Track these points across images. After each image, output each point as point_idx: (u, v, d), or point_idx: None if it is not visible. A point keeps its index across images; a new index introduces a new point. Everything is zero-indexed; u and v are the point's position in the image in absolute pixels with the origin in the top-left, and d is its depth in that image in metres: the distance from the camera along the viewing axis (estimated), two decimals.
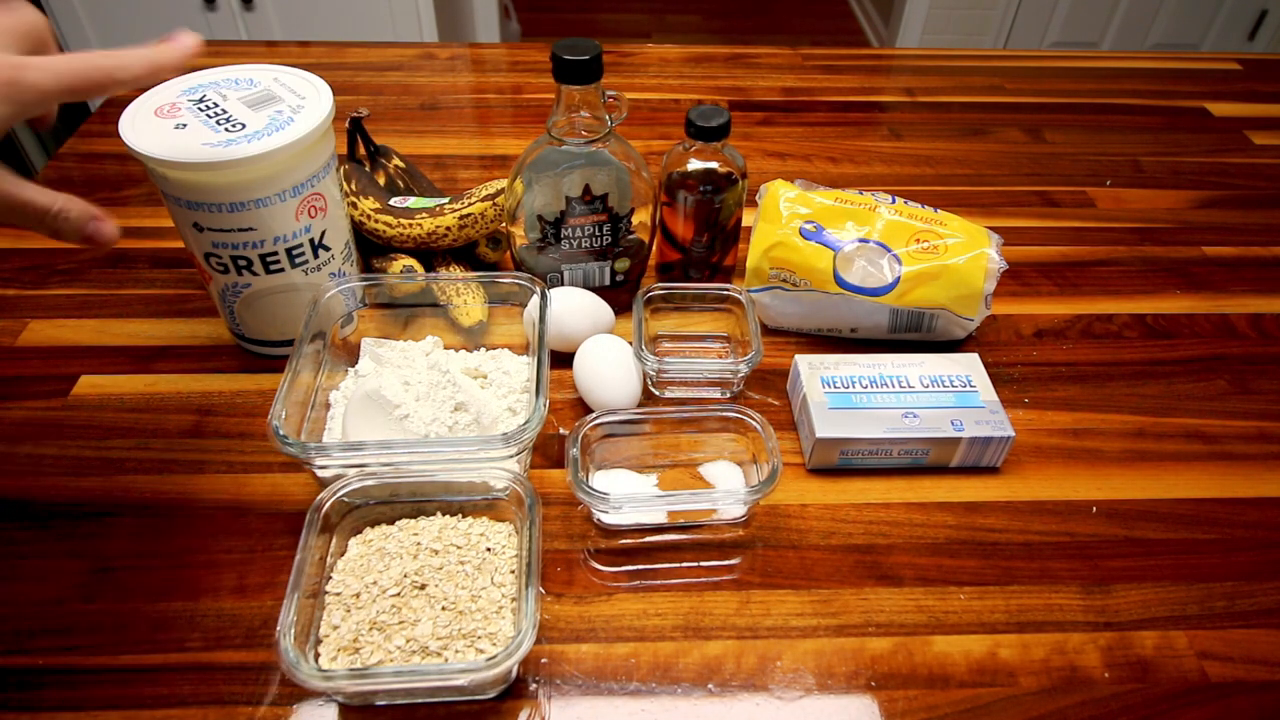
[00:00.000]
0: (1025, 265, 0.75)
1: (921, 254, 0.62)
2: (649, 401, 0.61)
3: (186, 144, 0.51)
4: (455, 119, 0.94)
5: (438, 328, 0.63)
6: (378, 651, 0.42)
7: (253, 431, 0.58)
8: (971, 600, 0.50)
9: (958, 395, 0.57)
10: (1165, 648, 0.48)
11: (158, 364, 0.62)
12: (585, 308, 0.62)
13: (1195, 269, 0.76)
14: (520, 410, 0.57)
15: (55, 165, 0.84)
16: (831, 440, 0.55)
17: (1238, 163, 0.91)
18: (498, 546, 0.47)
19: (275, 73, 0.59)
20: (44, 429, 0.57)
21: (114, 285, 0.69)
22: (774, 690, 0.45)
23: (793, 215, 0.64)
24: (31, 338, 0.64)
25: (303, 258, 0.58)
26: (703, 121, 0.61)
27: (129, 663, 0.45)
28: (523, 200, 0.61)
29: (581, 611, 0.48)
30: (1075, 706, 0.45)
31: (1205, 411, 0.62)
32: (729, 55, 1.10)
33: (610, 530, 0.53)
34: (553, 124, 0.59)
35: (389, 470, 0.48)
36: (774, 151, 0.90)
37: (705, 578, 0.51)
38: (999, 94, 1.02)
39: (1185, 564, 0.52)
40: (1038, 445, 0.59)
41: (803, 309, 0.65)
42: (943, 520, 0.54)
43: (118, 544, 0.51)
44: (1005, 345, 0.67)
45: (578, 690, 0.45)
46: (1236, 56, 1.12)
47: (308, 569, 0.43)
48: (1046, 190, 0.86)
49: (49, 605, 0.48)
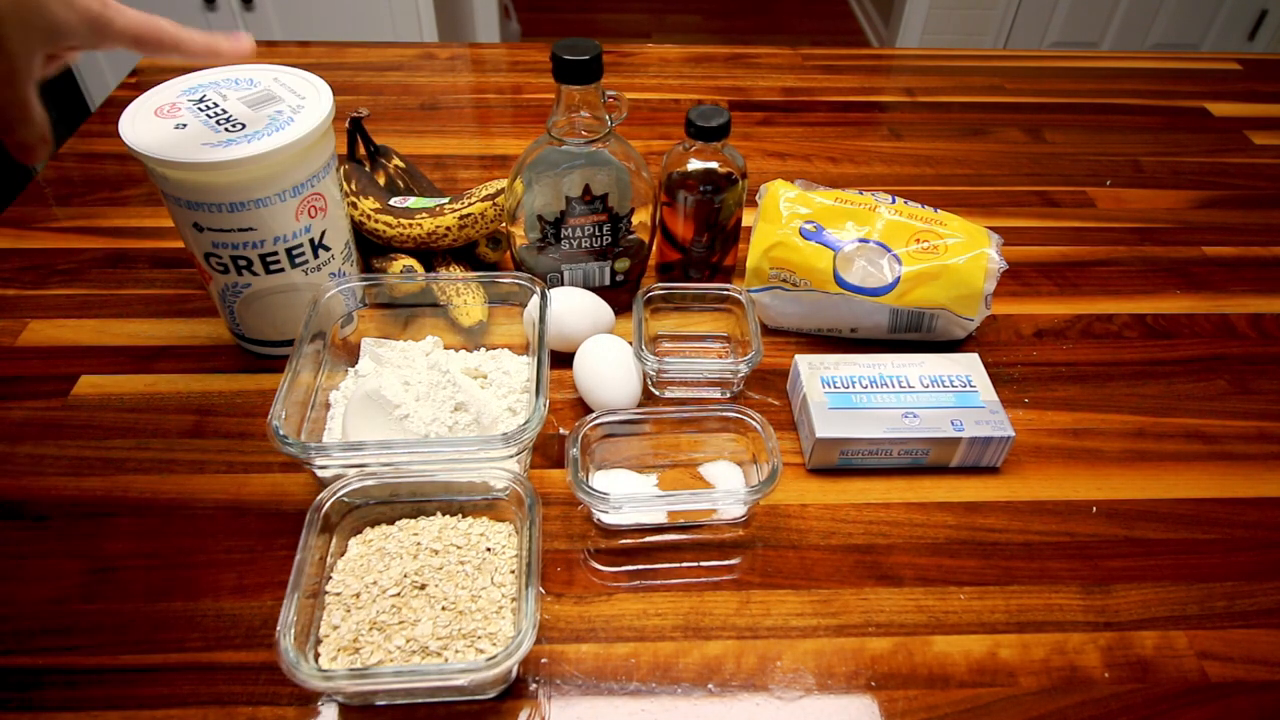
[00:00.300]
0: (1025, 265, 0.75)
1: (921, 254, 0.62)
2: (649, 401, 0.61)
3: (186, 144, 0.51)
4: (455, 119, 0.94)
5: (438, 328, 0.63)
6: (378, 651, 0.42)
7: (253, 431, 0.58)
8: (971, 600, 0.50)
9: (958, 395, 0.57)
10: (1165, 648, 0.48)
11: (158, 364, 0.62)
12: (585, 308, 0.62)
13: (1195, 269, 0.76)
14: (520, 410, 0.57)
15: (55, 165, 0.84)
16: (831, 440, 0.55)
17: (1238, 163, 0.91)
18: (498, 546, 0.47)
19: (275, 73, 0.59)
20: (44, 429, 0.57)
21: (114, 285, 0.69)
22: (774, 690, 0.45)
23: (793, 215, 0.64)
24: (31, 338, 0.64)
25: (303, 258, 0.58)
26: (703, 121, 0.61)
27: (129, 663, 0.45)
28: (523, 200, 0.61)
29: (581, 611, 0.48)
30: (1075, 706, 0.45)
31: (1205, 411, 0.62)
32: (729, 55, 1.10)
33: (610, 530, 0.53)
34: (553, 124, 0.59)
35: (389, 470, 0.48)
36: (774, 151, 0.90)
37: (705, 578, 0.51)
38: (999, 94, 1.02)
39: (1185, 564, 0.52)
40: (1038, 445, 0.59)
41: (803, 309, 0.65)
42: (943, 520, 0.54)
43: (118, 544, 0.51)
44: (1005, 345, 0.67)
45: (578, 690, 0.45)
46: (1236, 56, 1.12)
47: (308, 569, 0.43)
48: (1046, 190, 0.86)
49: (49, 605, 0.48)
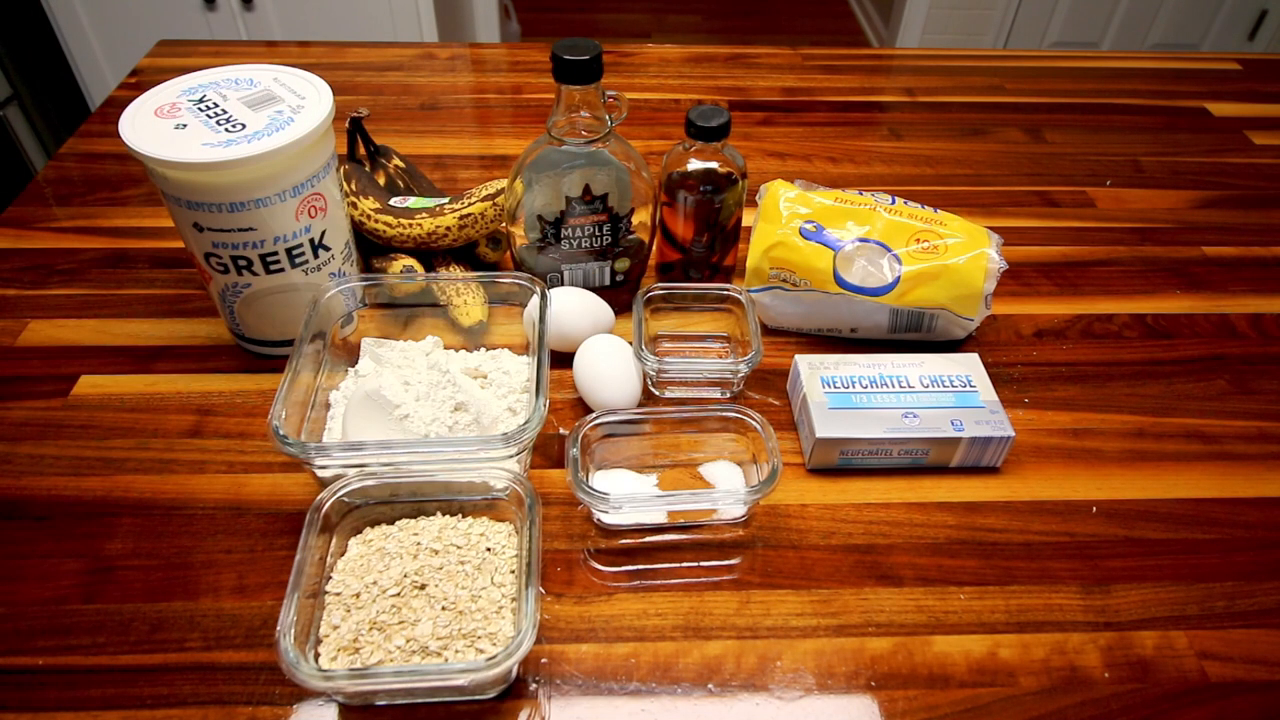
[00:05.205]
0: (1025, 265, 0.75)
1: (921, 254, 0.62)
2: (649, 401, 0.61)
3: (186, 144, 0.51)
4: (455, 119, 0.94)
5: (438, 328, 0.63)
6: (378, 651, 0.42)
7: (253, 431, 0.58)
8: (971, 600, 0.50)
9: (958, 395, 0.57)
10: (1165, 648, 0.48)
11: (158, 364, 0.62)
12: (585, 308, 0.62)
13: (1195, 269, 0.76)
14: (520, 410, 0.57)
15: (55, 165, 0.84)
16: (831, 440, 0.55)
17: (1238, 163, 0.91)
18: (498, 546, 0.47)
19: (275, 73, 0.59)
20: (44, 429, 0.57)
21: (114, 285, 0.69)
22: (774, 690, 0.45)
23: (793, 215, 0.64)
24: (31, 338, 0.64)
25: (303, 258, 0.58)
26: (703, 121, 0.61)
27: (129, 663, 0.45)
28: (523, 200, 0.61)
29: (581, 611, 0.48)
30: (1075, 706, 0.45)
31: (1205, 411, 0.62)
32: (729, 55, 1.10)
33: (610, 530, 0.53)
34: (553, 124, 0.59)
35: (389, 470, 0.48)
36: (774, 151, 0.90)
37: (705, 578, 0.51)
38: (999, 94, 1.02)
39: (1185, 564, 0.52)
40: (1038, 445, 0.59)
41: (803, 309, 0.65)
42: (943, 520, 0.54)
43: (118, 544, 0.51)
44: (1005, 345, 0.67)
45: (578, 690, 0.45)
46: (1236, 56, 1.12)
47: (308, 569, 0.43)
48: (1046, 190, 0.86)
49: (49, 605, 0.48)
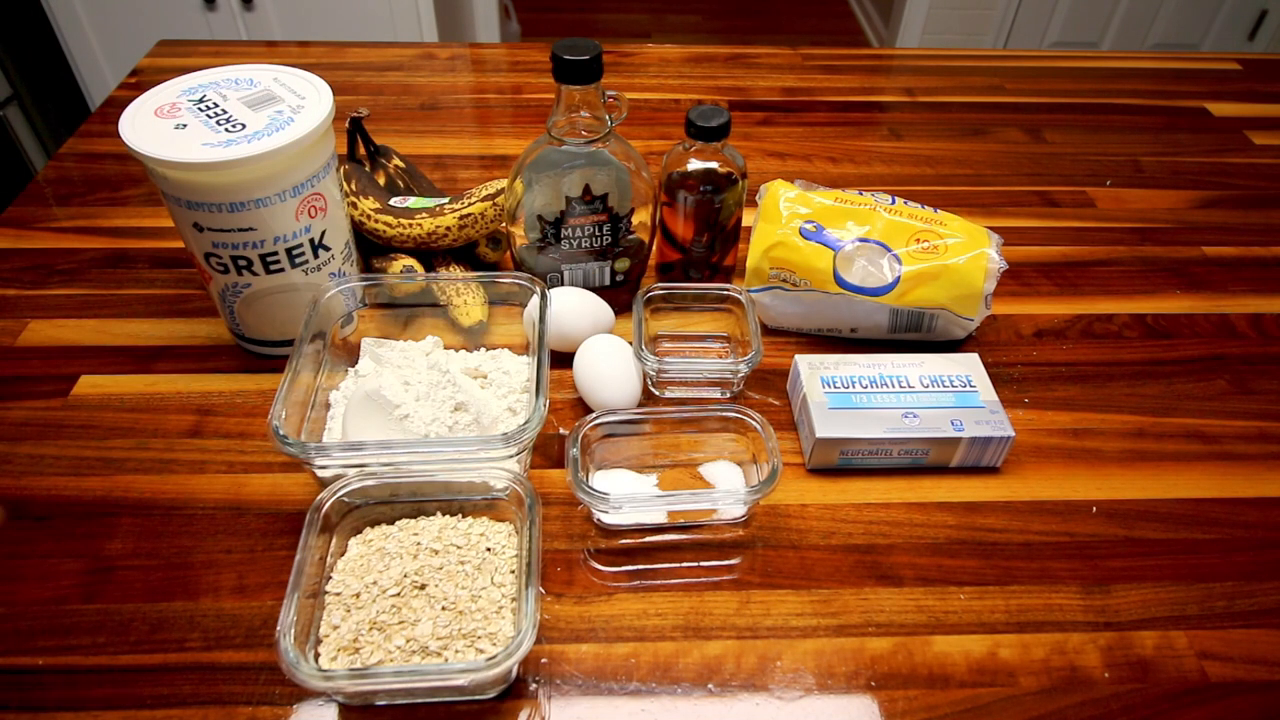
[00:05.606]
0: (1025, 265, 0.75)
1: (921, 254, 0.62)
2: (649, 401, 0.61)
3: (186, 144, 0.51)
4: (455, 119, 0.94)
5: (438, 328, 0.63)
6: (378, 651, 0.42)
7: (253, 431, 0.58)
8: (971, 600, 0.50)
9: (958, 395, 0.57)
10: (1165, 648, 0.48)
11: (158, 364, 0.62)
12: (585, 308, 0.62)
13: (1195, 269, 0.76)
14: (520, 410, 0.57)
15: (55, 165, 0.84)
16: (831, 440, 0.55)
17: (1238, 163, 0.91)
18: (498, 546, 0.47)
19: (275, 73, 0.59)
20: (44, 429, 0.57)
21: (114, 285, 0.69)
22: (774, 690, 0.45)
23: (793, 215, 0.64)
24: (31, 338, 0.64)
25: (303, 258, 0.58)
26: (703, 121, 0.61)
27: (129, 663, 0.45)
28: (523, 200, 0.61)
29: (581, 611, 0.48)
30: (1075, 706, 0.45)
31: (1205, 411, 0.62)
32: (729, 55, 1.10)
33: (610, 530, 0.53)
34: (553, 124, 0.59)
35: (389, 470, 0.48)
36: (774, 151, 0.90)
37: (705, 578, 0.51)
38: (999, 94, 1.02)
39: (1185, 564, 0.52)
40: (1038, 445, 0.59)
41: (803, 309, 0.65)
42: (943, 520, 0.54)
43: (118, 544, 0.51)
44: (1005, 345, 0.67)
45: (578, 690, 0.45)
46: (1236, 56, 1.12)
47: (308, 569, 0.43)
48: (1046, 190, 0.86)
49: (49, 605, 0.48)
